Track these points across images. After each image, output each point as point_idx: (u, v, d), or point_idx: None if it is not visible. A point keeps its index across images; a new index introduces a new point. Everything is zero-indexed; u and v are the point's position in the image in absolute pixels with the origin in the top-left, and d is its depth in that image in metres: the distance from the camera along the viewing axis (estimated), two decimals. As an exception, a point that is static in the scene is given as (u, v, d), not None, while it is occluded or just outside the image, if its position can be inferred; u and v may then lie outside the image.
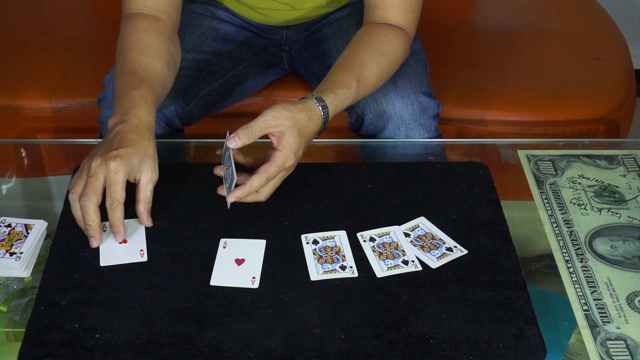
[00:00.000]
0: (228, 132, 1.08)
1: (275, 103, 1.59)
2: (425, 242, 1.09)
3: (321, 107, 1.13)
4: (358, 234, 1.10)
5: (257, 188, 1.08)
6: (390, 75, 1.28)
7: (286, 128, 1.09)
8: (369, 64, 1.22)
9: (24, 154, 1.36)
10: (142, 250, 1.06)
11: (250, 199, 1.10)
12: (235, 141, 1.07)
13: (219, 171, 1.13)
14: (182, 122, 1.41)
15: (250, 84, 1.55)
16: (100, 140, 1.34)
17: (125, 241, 1.08)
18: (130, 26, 1.25)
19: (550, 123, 1.57)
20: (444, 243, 1.09)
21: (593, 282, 1.07)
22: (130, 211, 1.10)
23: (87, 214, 1.04)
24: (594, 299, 1.04)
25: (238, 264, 1.05)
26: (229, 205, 1.09)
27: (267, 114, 1.09)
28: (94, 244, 1.06)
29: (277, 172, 1.09)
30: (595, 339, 0.99)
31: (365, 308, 1.00)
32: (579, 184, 1.23)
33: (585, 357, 0.98)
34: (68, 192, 1.09)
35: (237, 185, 1.08)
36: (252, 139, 1.08)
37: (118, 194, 1.04)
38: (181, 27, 1.39)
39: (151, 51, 1.21)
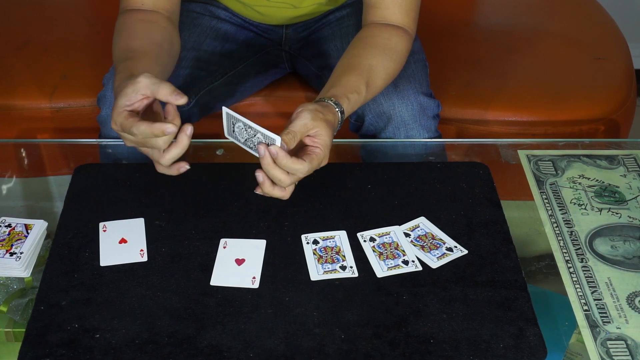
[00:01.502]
0: (223, 107, 1.07)
1: (275, 103, 1.61)
2: (425, 242, 1.09)
3: (339, 112, 1.13)
4: (358, 234, 1.10)
5: (300, 173, 1.05)
6: (394, 77, 1.28)
7: (322, 128, 1.08)
8: (376, 67, 1.22)
9: (24, 154, 1.36)
10: (142, 250, 1.06)
11: (276, 194, 1.07)
12: (283, 147, 1.04)
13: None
14: (182, 121, 1.41)
15: (250, 84, 1.55)
16: (100, 140, 1.35)
17: (125, 241, 1.08)
18: (124, 19, 1.26)
19: (550, 123, 1.57)
20: (444, 243, 1.09)
21: (593, 282, 1.07)
22: (130, 212, 1.10)
23: (165, 165, 1.07)
24: (594, 299, 1.04)
25: (238, 264, 1.05)
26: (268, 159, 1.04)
27: (304, 116, 1.07)
28: (169, 129, 1.04)
29: (316, 167, 1.07)
30: (595, 339, 0.99)
31: (365, 308, 1.00)
32: (579, 184, 1.23)
33: (585, 357, 0.98)
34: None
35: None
36: (296, 142, 1.06)
37: (141, 130, 1.03)
38: (181, 26, 1.39)
39: (140, 34, 1.22)
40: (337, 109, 1.13)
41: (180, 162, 1.09)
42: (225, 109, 1.07)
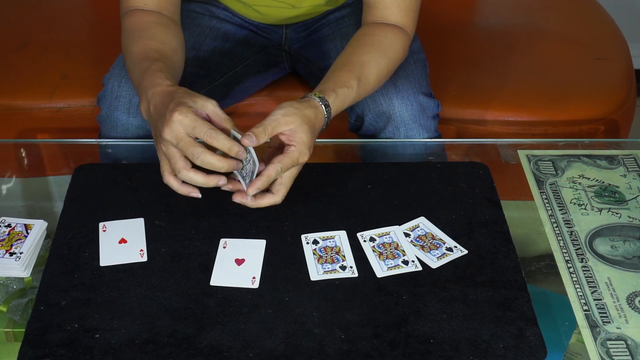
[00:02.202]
0: (232, 130, 1.08)
1: (275, 103, 1.61)
2: (425, 242, 1.09)
3: (324, 106, 1.13)
4: (358, 234, 1.10)
5: (274, 177, 1.07)
6: (389, 75, 1.28)
7: (297, 125, 1.08)
8: (369, 63, 1.22)
9: (24, 154, 1.36)
10: (142, 250, 1.06)
11: (267, 202, 1.10)
12: (251, 139, 1.05)
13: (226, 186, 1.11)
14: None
15: (250, 84, 1.55)
16: (100, 140, 1.35)
17: (124, 241, 1.07)
18: (134, 19, 1.26)
19: (550, 123, 1.57)
20: (444, 243, 1.09)
21: (593, 282, 1.07)
22: (130, 212, 1.10)
23: (193, 180, 1.05)
24: (594, 299, 1.04)
25: (238, 264, 1.05)
26: (249, 199, 1.08)
27: (276, 112, 1.09)
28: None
29: (291, 164, 1.08)
30: (595, 339, 0.99)
31: (365, 308, 1.00)
32: (579, 184, 1.23)
33: (585, 357, 0.98)
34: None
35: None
36: (266, 137, 1.07)
37: (190, 148, 1.04)
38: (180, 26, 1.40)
39: (158, 38, 1.22)
40: (320, 103, 1.13)
41: (193, 187, 1.08)
42: (232, 132, 1.08)
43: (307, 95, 1.15)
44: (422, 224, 1.12)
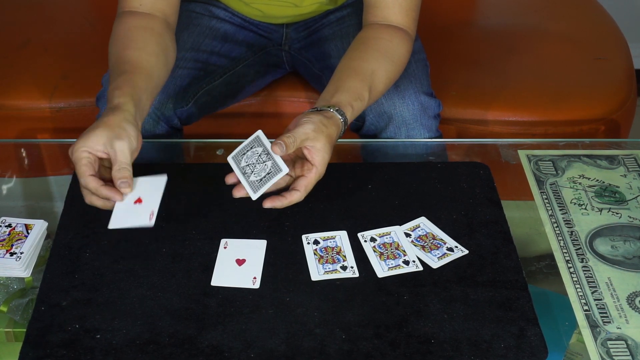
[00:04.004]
0: (260, 131, 1.09)
1: (275, 103, 1.61)
2: (426, 242, 1.09)
3: (343, 122, 1.14)
4: (359, 234, 1.10)
5: (297, 201, 1.08)
6: (394, 81, 1.28)
7: (322, 144, 1.08)
8: (378, 72, 1.22)
9: (24, 154, 1.36)
10: (152, 213, 1.05)
11: (294, 199, 1.10)
12: (282, 147, 1.06)
13: (231, 179, 1.11)
14: (181, 121, 1.41)
15: (250, 84, 1.55)
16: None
17: (140, 201, 1.06)
18: (121, 24, 1.26)
19: (550, 123, 1.57)
20: (445, 243, 1.09)
21: (593, 282, 1.07)
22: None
23: (93, 202, 1.06)
24: (595, 299, 1.04)
25: (239, 264, 1.05)
26: (254, 198, 1.08)
27: (306, 126, 1.08)
28: (116, 198, 1.06)
29: (312, 185, 1.09)
30: (595, 339, 0.99)
31: (366, 308, 1.00)
32: (580, 184, 1.23)
33: (585, 357, 0.98)
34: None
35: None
36: (294, 149, 1.07)
37: (84, 179, 1.05)
38: (180, 26, 1.39)
39: (136, 44, 1.21)
40: (341, 119, 1.13)
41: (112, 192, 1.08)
42: (259, 132, 1.09)
43: (327, 108, 1.13)
44: (423, 224, 1.12)
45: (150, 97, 1.17)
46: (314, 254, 1.07)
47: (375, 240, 1.09)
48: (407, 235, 1.10)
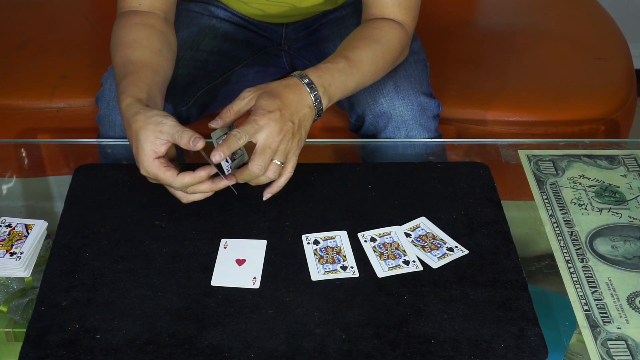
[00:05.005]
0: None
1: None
2: (426, 242, 1.09)
3: (300, 77, 1.14)
4: (359, 234, 1.10)
5: (236, 147, 1.07)
6: (388, 63, 1.26)
7: (255, 96, 1.11)
8: (359, 48, 1.22)
9: (24, 154, 1.36)
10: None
11: (283, 181, 1.12)
12: (216, 121, 1.11)
13: (213, 125, 1.13)
14: (181, 121, 1.41)
15: (250, 84, 1.54)
16: (100, 140, 1.35)
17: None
18: (121, 23, 1.26)
19: (550, 123, 1.57)
20: (445, 243, 1.09)
21: (594, 282, 1.07)
22: (130, 212, 1.09)
23: (192, 199, 1.11)
24: (595, 299, 1.04)
25: (239, 264, 1.05)
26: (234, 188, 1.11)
27: (243, 94, 1.13)
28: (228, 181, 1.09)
29: (252, 130, 1.07)
30: (595, 339, 0.99)
31: (366, 308, 1.00)
32: (580, 184, 1.23)
33: (585, 357, 0.98)
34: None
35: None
36: (231, 117, 1.11)
37: (175, 181, 1.07)
38: (179, 26, 1.39)
39: (139, 43, 1.22)
40: (299, 80, 1.13)
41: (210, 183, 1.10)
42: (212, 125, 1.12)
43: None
44: (423, 224, 1.12)
45: (160, 90, 1.19)
46: (314, 254, 1.07)
47: (375, 240, 1.09)
48: (407, 235, 1.10)
